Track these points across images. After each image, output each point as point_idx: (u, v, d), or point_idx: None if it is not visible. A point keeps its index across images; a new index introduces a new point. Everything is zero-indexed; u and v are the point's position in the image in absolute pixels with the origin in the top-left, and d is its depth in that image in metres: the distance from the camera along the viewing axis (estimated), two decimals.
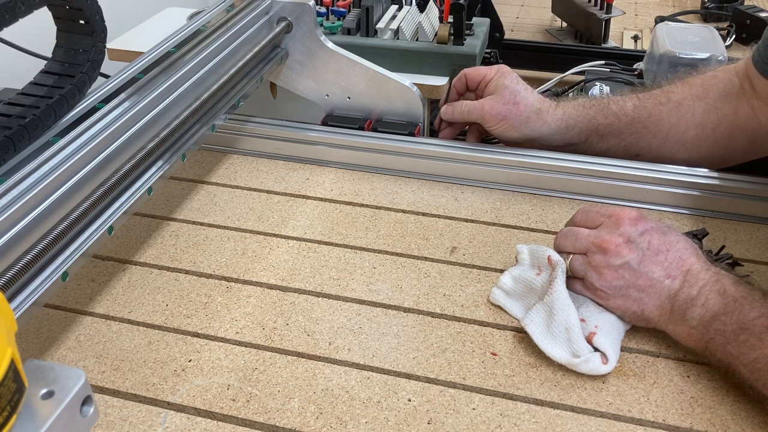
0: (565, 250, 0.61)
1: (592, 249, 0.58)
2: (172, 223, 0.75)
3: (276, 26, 0.85)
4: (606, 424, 0.53)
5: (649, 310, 0.56)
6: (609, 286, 0.57)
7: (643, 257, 0.57)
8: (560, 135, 0.79)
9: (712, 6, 1.41)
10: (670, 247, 0.57)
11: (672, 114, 0.77)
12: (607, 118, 0.78)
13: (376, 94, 0.87)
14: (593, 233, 0.59)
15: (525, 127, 0.78)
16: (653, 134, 0.77)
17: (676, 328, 0.56)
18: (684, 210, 0.76)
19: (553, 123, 0.79)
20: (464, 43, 0.95)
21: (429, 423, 0.53)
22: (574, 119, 0.79)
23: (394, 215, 0.76)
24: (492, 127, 0.80)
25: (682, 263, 0.56)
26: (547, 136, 0.79)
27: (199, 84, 0.73)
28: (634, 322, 0.58)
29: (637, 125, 0.78)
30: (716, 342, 0.53)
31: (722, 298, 0.53)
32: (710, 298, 0.54)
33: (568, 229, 0.62)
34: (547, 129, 0.79)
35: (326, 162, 0.85)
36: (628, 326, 0.59)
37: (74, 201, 0.55)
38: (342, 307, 0.64)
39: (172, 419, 0.53)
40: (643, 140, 0.78)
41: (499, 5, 1.17)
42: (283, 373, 0.57)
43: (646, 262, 0.56)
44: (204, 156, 0.87)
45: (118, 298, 0.65)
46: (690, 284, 0.55)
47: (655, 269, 0.56)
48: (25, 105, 0.56)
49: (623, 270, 0.57)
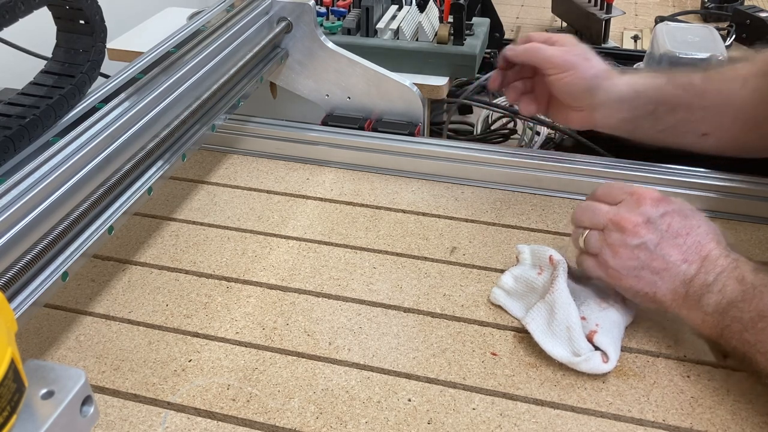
0: (582, 225, 0.60)
1: (610, 226, 0.57)
2: (172, 223, 0.75)
3: (276, 26, 0.85)
4: (606, 424, 0.53)
5: (662, 293, 0.55)
6: (623, 266, 0.56)
7: (661, 239, 0.55)
8: (628, 103, 0.73)
9: (712, 6, 1.41)
10: (690, 231, 0.56)
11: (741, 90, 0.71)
12: (676, 88, 0.73)
13: (376, 94, 0.87)
14: (612, 209, 0.58)
15: (593, 81, 0.72)
16: (722, 110, 0.72)
17: (690, 313, 0.54)
18: None
19: (623, 86, 0.73)
20: (464, 43, 0.95)
21: (429, 423, 0.53)
22: (643, 85, 0.73)
23: (394, 215, 0.76)
24: (559, 75, 0.72)
25: (701, 248, 0.55)
26: (615, 101, 0.73)
27: (199, 84, 0.73)
28: (645, 303, 0.57)
29: (707, 99, 0.72)
30: (732, 329, 0.51)
31: (740, 285, 0.52)
32: (728, 284, 0.53)
33: (587, 204, 0.60)
34: (616, 92, 0.73)
35: (326, 162, 0.85)
36: (629, 321, 0.59)
37: (74, 201, 0.55)
38: (342, 307, 0.64)
39: (172, 419, 0.53)
40: (712, 117, 0.72)
41: (499, 5, 1.16)
42: (283, 373, 0.57)
43: (663, 245, 0.55)
44: (204, 156, 0.87)
45: (118, 298, 0.65)
46: (707, 270, 0.54)
47: (673, 252, 0.55)
48: (25, 105, 0.56)
49: (639, 251, 0.55)
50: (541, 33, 0.77)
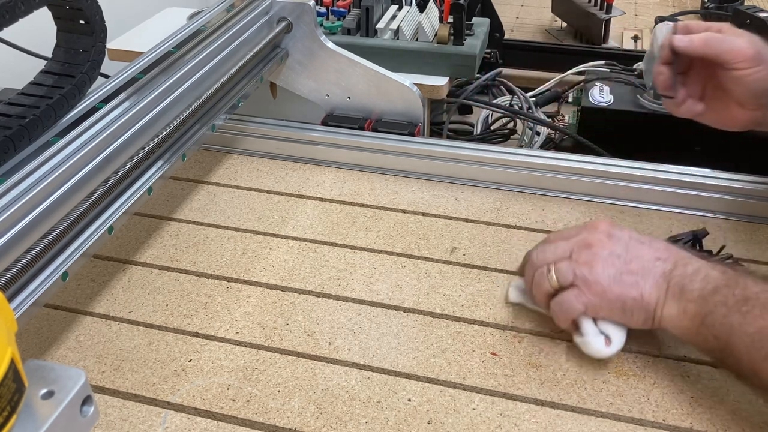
0: (547, 261, 0.57)
1: (576, 249, 0.57)
2: (172, 223, 0.75)
3: (276, 26, 0.85)
4: (606, 424, 0.53)
5: (647, 292, 0.54)
6: (603, 276, 0.55)
7: (628, 246, 0.56)
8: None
9: (712, 6, 1.41)
10: (652, 240, 0.57)
11: None
12: None
13: (376, 94, 0.87)
14: (572, 239, 0.58)
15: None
16: None
17: (672, 306, 0.53)
18: (684, 210, 0.76)
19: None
20: (464, 43, 0.95)
21: (429, 423, 0.53)
22: None
23: (394, 215, 0.76)
24: (749, 70, 0.64)
25: (670, 248, 0.56)
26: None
27: (199, 84, 0.73)
28: (636, 312, 0.55)
29: None
30: (717, 314, 0.50)
31: (723, 275, 0.52)
32: (711, 273, 0.52)
33: (541, 246, 0.59)
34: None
35: (326, 162, 0.85)
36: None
37: (74, 201, 0.55)
38: (342, 307, 0.64)
39: (172, 419, 0.53)
40: None
41: (499, 5, 1.17)
42: (283, 373, 0.57)
43: (632, 249, 0.55)
44: (204, 156, 0.87)
45: (118, 298, 0.65)
46: (684, 264, 0.54)
47: (644, 252, 0.55)
48: (25, 105, 0.56)
49: (612, 258, 0.55)
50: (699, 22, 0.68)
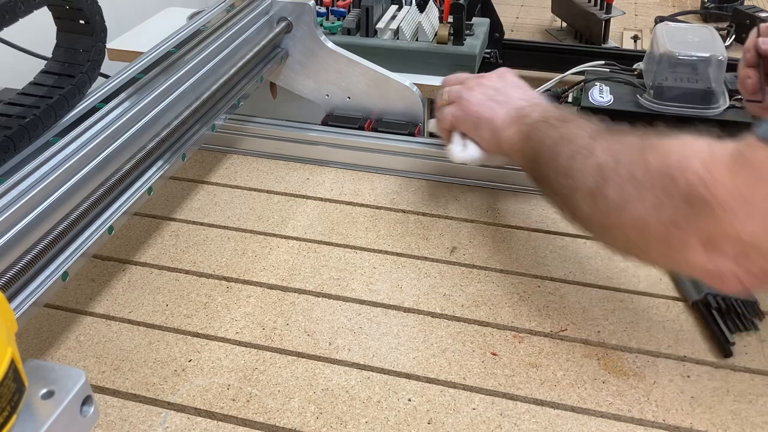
0: (449, 83, 0.72)
1: (472, 80, 0.70)
2: (172, 223, 0.75)
3: (276, 26, 0.85)
4: (606, 424, 0.53)
5: (499, 117, 0.65)
6: (474, 98, 0.68)
7: (506, 85, 0.69)
8: None
9: (712, 6, 1.41)
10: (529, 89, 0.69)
11: None
12: None
13: (376, 94, 0.87)
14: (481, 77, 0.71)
15: None
16: None
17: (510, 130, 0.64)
18: None
19: None
20: (464, 43, 0.95)
21: (429, 423, 0.53)
22: None
23: (394, 215, 0.76)
24: None
25: (537, 99, 0.67)
26: None
27: (199, 84, 0.73)
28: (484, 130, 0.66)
29: None
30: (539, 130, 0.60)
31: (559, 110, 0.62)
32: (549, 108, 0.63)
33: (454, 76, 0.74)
34: None
35: (326, 162, 0.85)
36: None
37: (74, 201, 0.55)
38: (342, 307, 0.64)
39: (172, 419, 0.53)
40: None
41: (499, 5, 1.16)
42: (283, 373, 0.57)
43: (508, 88, 0.68)
44: (204, 156, 0.87)
45: (118, 298, 0.65)
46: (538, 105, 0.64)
47: (514, 93, 0.67)
48: (25, 105, 0.56)
49: (488, 89, 0.68)
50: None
